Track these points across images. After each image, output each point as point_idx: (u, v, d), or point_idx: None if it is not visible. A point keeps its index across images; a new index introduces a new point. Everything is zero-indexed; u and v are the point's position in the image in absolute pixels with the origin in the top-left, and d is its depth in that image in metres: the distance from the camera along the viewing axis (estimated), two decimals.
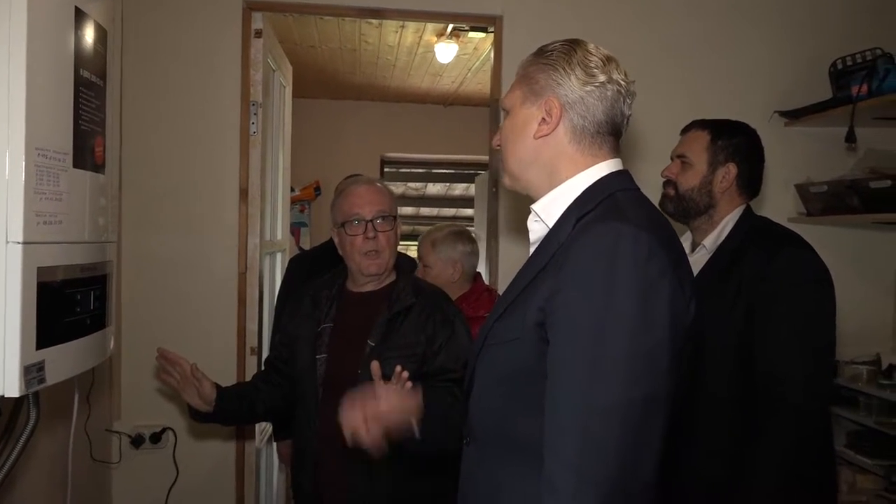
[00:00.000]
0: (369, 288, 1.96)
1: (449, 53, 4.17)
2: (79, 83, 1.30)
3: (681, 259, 1.14)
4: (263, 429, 2.95)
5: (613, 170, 1.21)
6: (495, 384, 1.18)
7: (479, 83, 5.17)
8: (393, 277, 1.98)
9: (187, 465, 2.65)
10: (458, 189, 9.06)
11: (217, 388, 1.87)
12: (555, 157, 1.20)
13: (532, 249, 1.25)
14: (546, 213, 1.21)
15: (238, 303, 2.71)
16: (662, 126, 2.72)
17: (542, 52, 1.22)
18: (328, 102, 5.96)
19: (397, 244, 1.98)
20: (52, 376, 1.23)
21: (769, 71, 2.95)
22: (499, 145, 1.28)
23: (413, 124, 6.12)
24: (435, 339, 1.85)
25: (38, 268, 1.18)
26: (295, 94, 3.54)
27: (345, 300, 1.97)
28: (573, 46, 1.20)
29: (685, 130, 1.95)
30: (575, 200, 1.17)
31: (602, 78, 1.17)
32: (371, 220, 1.90)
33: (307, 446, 1.91)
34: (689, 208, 1.86)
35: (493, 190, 2.95)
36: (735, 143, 1.86)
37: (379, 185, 2.00)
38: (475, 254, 2.54)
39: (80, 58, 1.30)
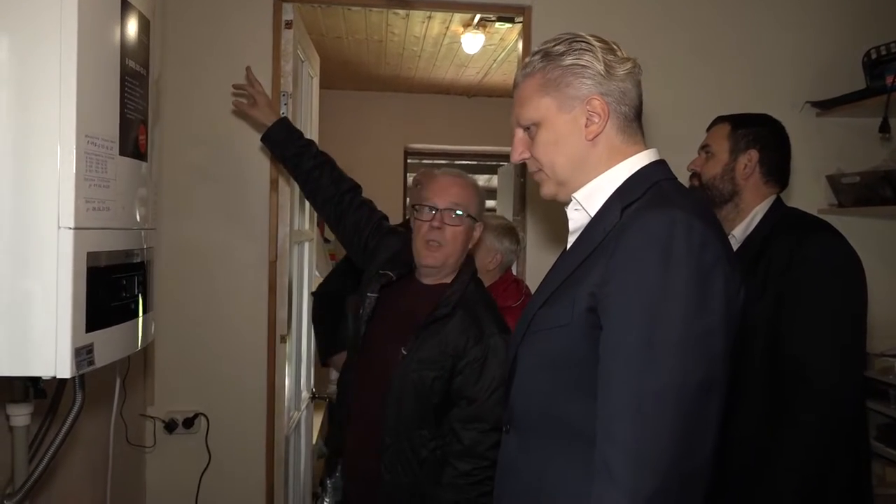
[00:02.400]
0: (431, 280, 1.91)
1: (475, 44, 4.17)
2: (124, 72, 1.33)
3: (729, 246, 1.15)
4: (292, 416, 2.98)
5: (654, 159, 1.22)
6: (542, 370, 1.19)
7: (504, 74, 5.16)
8: (451, 279, 1.90)
9: (219, 451, 2.70)
10: (481, 180, 9.04)
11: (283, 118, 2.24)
12: (605, 151, 1.20)
13: (572, 237, 1.25)
14: (588, 201, 1.21)
15: (269, 291, 2.74)
16: (692, 118, 2.70)
17: (554, 55, 1.20)
18: (353, 93, 5.98)
19: (466, 243, 1.88)
20: (101, 359, 1.26)
21: (801, 61, 2.92)
22: (525, 158, 1.26)
23: (437, 115, 6.12)
24: (464, 355, 1.77)
25: (88, 253, 1.22)
26: (321, 85, 3.56)
27: (411, 289, 1.93)
28: (586, 41, 1.20)
29: (710, 127, 1.98)
30: (618, 189, 1.18)
31: (629, 64, 1.20)
32: (442, 210, 1.84)
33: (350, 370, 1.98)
34: (714, 196, 1.88)
35: (521, 180, 2.95)
36: (755, 130, 1.88)
37: (464, 179, 1.91)
38: (515, 254, 2.60)
39: (125, 47, 1.33)
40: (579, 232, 1.23)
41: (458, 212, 1.84)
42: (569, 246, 1.26)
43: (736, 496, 1.66)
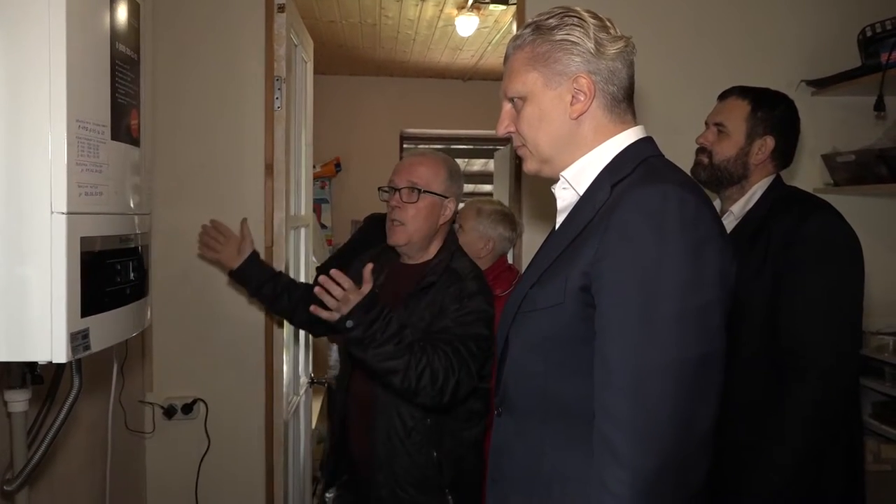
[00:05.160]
0: (412, 261, 1.97)
1: (469, 26, 4.15)
2: (115, 56, 1.32)
3: (719, 219, 1.15)
4: (291, 400, 3.00)
5: (641, 136, 1.21)
6: (535, 350, 1.19)
7: (500, 57, 5.10)
8: (433, 255, 1.96)
9: (218, 436, 2.71)
10: (477, 165, 9.01)
11: (255, 252, 2.22)
12: (590, 130, 1.20)
13: (560, 216, 1.25)
14: (577, 180, 1.21)
15: None
16: (686, 95, 2.71)
17: (545, 29, 1.19)
18: (348, 78, 5.96)
19: (432, 219, 1.91)
20: (97, 344, 1.26)
21: (796, 39, 2.91)
22: (511, 132, 1.26)
23: (432, 99, 6.11)
24: (443, 313, 1.82)
25: (82, 238, 1.21)
26: (315, 70, 3.54)
27: (392, 270, 2.00)
28: (579, 16, 1.18)
29: (723, 96, 1.92)
30: (607, 166, 1.18)
31: (621, 43, 1.18)
32: (399, 189, 1.89)
33: (339, 401, 1.98)
34: (723, 178, 1.86)
35: (516, 163, 2.95)
36: (776, 115, 1.84)
37: (429, 157, 1.95)
38: (510, 241, 2.56)
39: (115, 31, 1.32)
40: (568, 210, 1.23)
41: (416, 189, 1.87)
42: (557, 225, 1.26)
43: (734, 471, 1.68)
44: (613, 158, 1.18)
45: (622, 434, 1.01)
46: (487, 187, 8.71)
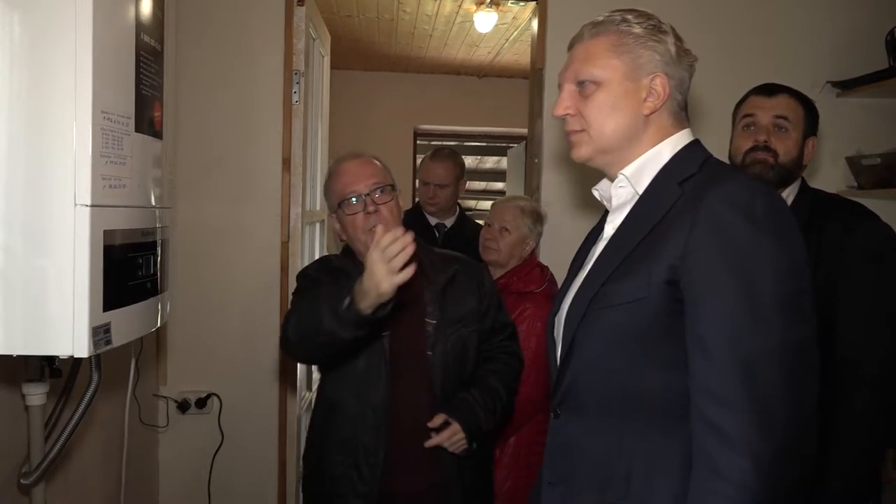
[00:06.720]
0: None
1: (488, 23, 4.11)
2: (139, 47, 1.30)
3: None
4: (304, 396, 2.98)
5: (691, 139, 1.25)
6: (614, 346, 1.17)
7: (516, 54, 5.10)
8: None
9: (232, 431, 2.70)
10: (490, 162, 8.99)
11: None
12: (654, 130, 1.22)
13: (616, 214, 1.25)
14: (636, 178, 1.23)
15: (281, 271, 2.73)
16: (707, 96, 2.67)
17: (633, 23, 1.20)
18: (362, 73, 5.92)
19: (401, 215, 1.87)
20: (118, 338, 1.25)
21: (821, 40, 2.87)
22: (570, 114, 1.24)
23: (447, 96, 6.07)
24: (482, 297, 1.89)
25: (105, 231, 1.20)
26: (331, 65, 3.52)
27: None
28: (664, 24, 1.23)
29: (772, 92, 1.83)
30: (665, 165, 1.21)
31: (692, 57, 1.24)
32: (368, 194, 1.79)
33: (373, 438, 1.77)
34: (786, 178, 1.81)
35: (535, 160, 2.92)
36: (815, 115, 1.85)
37: (369, 157, 1.88)
38: (539, 237, 2.52)
39: (140, 22, 1.31)
40: (624, 208, 1.23)
41: (382, 188, 1.80)
42: (618, 223, 1.24)
43: None
44: (671, 158, 1.21)
45: (737, 420, 1.02)
46: (500, 185, 8.70)
